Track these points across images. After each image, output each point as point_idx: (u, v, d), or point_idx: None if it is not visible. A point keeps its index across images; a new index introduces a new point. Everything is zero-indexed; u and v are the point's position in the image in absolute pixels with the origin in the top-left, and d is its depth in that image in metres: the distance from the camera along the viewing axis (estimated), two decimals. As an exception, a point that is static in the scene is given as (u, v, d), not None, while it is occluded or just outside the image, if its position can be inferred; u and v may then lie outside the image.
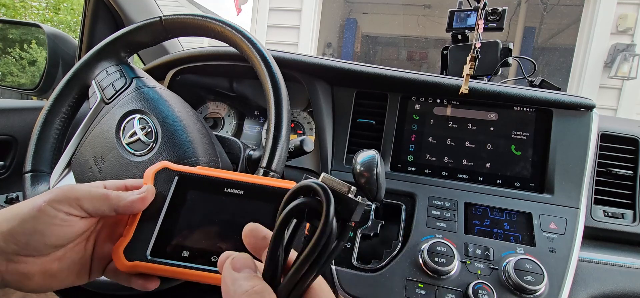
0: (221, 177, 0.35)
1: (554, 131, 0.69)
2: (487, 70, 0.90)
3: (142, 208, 0.33)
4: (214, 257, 0.32)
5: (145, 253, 0.32)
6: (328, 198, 0.22)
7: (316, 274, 0.23)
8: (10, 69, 1.27)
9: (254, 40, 0.56)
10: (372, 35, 6.26)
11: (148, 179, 0.35)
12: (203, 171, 0.36)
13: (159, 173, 0.35)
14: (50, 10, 5.15)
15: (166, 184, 0.35)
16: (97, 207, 0.31)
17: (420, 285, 0.58)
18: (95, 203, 0.31)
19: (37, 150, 0.59)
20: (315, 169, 0.77)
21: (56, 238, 0.30)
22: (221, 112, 1.02)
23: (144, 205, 0.33)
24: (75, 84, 0.62)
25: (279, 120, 0.52)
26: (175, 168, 0.36)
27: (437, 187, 0.70)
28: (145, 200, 0.33)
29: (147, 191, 0.33)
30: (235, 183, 0.34)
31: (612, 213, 0.68)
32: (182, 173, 0.36)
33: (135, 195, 0.33)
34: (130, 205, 0.32)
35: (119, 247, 0.32)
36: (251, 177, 0.35)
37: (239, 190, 0.34)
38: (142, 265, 0.31)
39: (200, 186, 0.35)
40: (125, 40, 0.62)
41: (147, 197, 0.33)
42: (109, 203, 0.32)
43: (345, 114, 0.78)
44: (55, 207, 0.30)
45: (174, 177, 0.35)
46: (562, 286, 0.57)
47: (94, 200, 0.31)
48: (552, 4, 4.67)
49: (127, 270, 0.32)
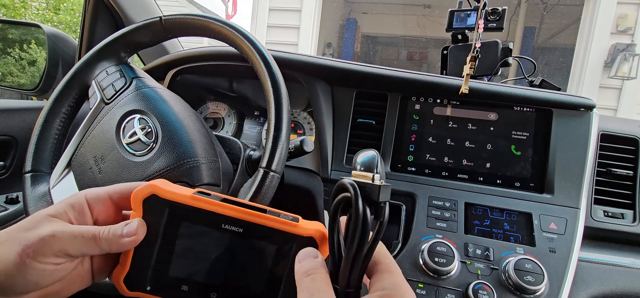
0: (217, 211, 0.31)
1: (554, 131, 0.69)
2: (487, 70, 0.90)
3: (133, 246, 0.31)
4: (212, 294, 0.31)
5: (145, 286, 0.31)
6: (355, 191, 0.26)
7: (368, 252, 0.26)
8: (10, 69, 1.27)
9: (254, 40, 0.56)
10: (372, 35, 6.26)
11: (137, 206, 0.31)
12: (196, 202, 0.31)
13: (147, 200, 0.31)
14: (50, 10, 5.15)
15: (157, 214, 0.31)
16: (84, 251, 0.30)
17: (420, 285, 0.58)
18: (82, 248, 0.29)
19: (37, 151, 0.59)
20: (315, 169, 0.77)
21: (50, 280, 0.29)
22: (221, 112, 1.02)
23: (135, 244, 0.31)
24: (75, 84, 0.62)
25: (279, 120, 0.52)
26: (165, 195, 0.31)
27: (437, 187, 0.70)
28: (136, 240, 0.31)
29: (137, 231, 0.30)
30: (234, 220, 0.31)
31: (612, 213, 0.68)
32: (174, 203, 0.31)
33: (126, 240, 0.30)
34: (120, 247, 0.30)
35: (118, 276, 0.31)
36: (250, 214, 0.31)
37: (237, 228, 0.31)
38: (144, 296, 0.31)
39: (194, 219, 0.31)
40: (125, 40, 0.62)
41: (138, 237, 0.31)
42: (99, 246, 0.30)
43: (345, 114, 0.78)
44: (40, 261, 0.28)
45: (164, 208, 0.31)
46: (562, 286, 0.57)
47: (81, 246, 0.29)
48: (552, 4, 4.67)
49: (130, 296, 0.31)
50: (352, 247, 0.26)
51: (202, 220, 0.31)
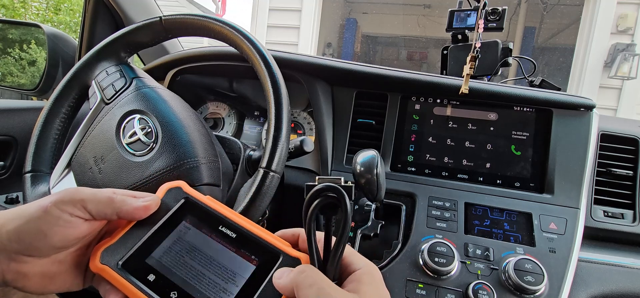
0: (221, 213, 0.34)
1: (554, 131, 0.69)
2: (487, 70, 0.90)
3: (143, 216, 0.33)
4: (173, 293, 0.30)
5: (118, 262, 0.31)
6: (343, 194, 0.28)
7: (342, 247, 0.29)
8: (10, 69, 1.27)
9: (254, 40, 0.56)
10: (372, 35, 6.26)
11: (161, 192, 0.35)
12: (209, 202, 0.35)
13: (170, 190, 0.36)
14: (50, 10, 5.14)
15: (172, 203, 0.35)
16: (100, 209, 0.31)
17: (420, 285, 0.58)
18: (99, 205, 0.31)
19: (37, 151, 0.59)
20: (315, 169, 0.77)
21: (59, 240, 0.30)
22: (221, 112, 1.02)
23: (146, 213, 0.33)
24: (75, 84, 0.62)
25: (279, 120, 0.52)
26: (187, 190, 0.36)
27: (437, 187, 0.70)
28: (148, 209, 0.33)
29: (151, 200, 0.33)
30: (231, 224, 0.33)
31: (612, 213, 0.68)
32: (190, 197, 0.35)
33: (139, 203, 0.33)
34: (133, 211, 0.32)
35: (101, 246, 0.32)
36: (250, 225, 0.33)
37: (232, 233, 0.33)
38: (109, 271, 0.30)
39: (199, 215, 0.34)
40: (125, 40, 0.62)
41: (150, 206, 0.33)
42: (113, 206, 0.32)
43: (345, 114, 0.78)
44: (60, 207, 0.30)
45: (181, 198, 0.35)
46: (562, 286, 0.57)
47: (98, 203, 0.31)
48: (552, 4, 4.67)
49: (96, 271, 0.31)
50: (340, 246, 0.29)
51: (204, 218, 0.34)
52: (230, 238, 0.33)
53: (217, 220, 0.34)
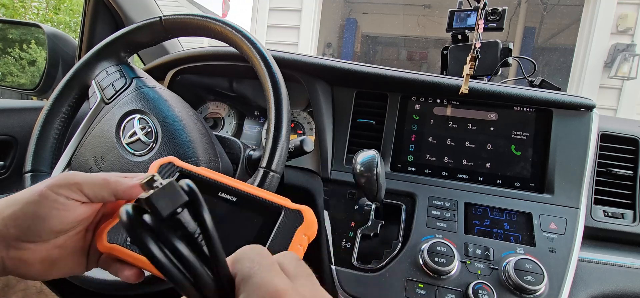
0: (218, 180, 0.35)
1: (554, 131, 0.69)
2: (487, 70, 0.90)
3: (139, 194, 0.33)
4: None
5: (126, 238, 0.32)
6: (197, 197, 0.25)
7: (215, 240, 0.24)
8: (10, 69, 1.27)
9: (254, 40, 0.56)
10: (372, 35, 6.26)
11: (153, 170, 0.35)
12: (204, 172, 0.36)
13: (163, 166, 0.36)
14: (50, 10, 5.14)
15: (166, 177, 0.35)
16: (96, 192, 0.31)
17: (420, 285, 0.58)
18: (95, 188, 0.31)
19: (37, 150, 0.59)
20: (315, 169, 0.77)
21: (57, 223, 0.30)
22: (221, 112, 1.02)
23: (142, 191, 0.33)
24: (75, 84, 0.62)
25: (279, 120, 0.52)
26: (180, 164, 0.37)
27: (437, 187, 0.70)
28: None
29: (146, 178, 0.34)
30: (230, 189, 0.34)
31: (612, 213, 0.68)
32: (184, 170, 0.36)
33: (134, 181, 0.33)
34: (129, 190, 0.32)
35: (105, 227, 0.32)
36: (248, 187, 0.34)
37: (232, 197, 0.34)
38: (119, 248, 0.31)
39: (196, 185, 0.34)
40: (125, 40, 0.62)
41: None
42: (109, 187, 0.32)
43: (345, 114, 0.78)
44: (55, 191, 0.30)
45: (175, 172, 0.36)
46: (562, 286, 0.57)
47: (94, 186, 0.31)
48: (552, 4, 4.67)
49: (105, 251, 0.32)
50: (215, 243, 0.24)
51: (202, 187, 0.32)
52: (231, 202, 0.34)
53: (216, 187, 0.34)
